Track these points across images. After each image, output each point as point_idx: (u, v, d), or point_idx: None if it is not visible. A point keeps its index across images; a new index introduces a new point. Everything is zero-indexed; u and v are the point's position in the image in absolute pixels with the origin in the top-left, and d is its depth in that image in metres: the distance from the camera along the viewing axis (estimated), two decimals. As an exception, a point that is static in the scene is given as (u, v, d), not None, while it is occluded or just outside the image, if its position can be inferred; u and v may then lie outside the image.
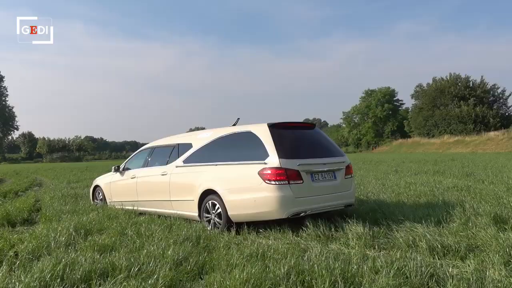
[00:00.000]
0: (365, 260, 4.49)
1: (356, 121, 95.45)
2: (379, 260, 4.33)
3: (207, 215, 7.05)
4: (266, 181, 6.20)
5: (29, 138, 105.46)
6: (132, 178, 9.12)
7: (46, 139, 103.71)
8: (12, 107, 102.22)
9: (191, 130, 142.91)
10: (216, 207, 6.84)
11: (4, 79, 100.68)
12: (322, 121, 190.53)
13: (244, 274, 3.96)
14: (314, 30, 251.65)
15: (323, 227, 6.07)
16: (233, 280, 3.89)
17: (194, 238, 5.74)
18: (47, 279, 4.01)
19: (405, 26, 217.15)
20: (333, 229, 6.14)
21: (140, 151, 9.93)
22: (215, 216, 6.87)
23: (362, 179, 14.10)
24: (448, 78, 72.91)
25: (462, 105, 66.62)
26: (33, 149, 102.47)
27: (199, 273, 4.42)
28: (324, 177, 6.72)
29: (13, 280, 4.02)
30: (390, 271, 3.95)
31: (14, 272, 4.43)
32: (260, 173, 6.28)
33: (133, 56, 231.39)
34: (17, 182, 20.13)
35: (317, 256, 4.64)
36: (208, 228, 6.80)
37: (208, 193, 7.01)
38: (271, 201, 6.17)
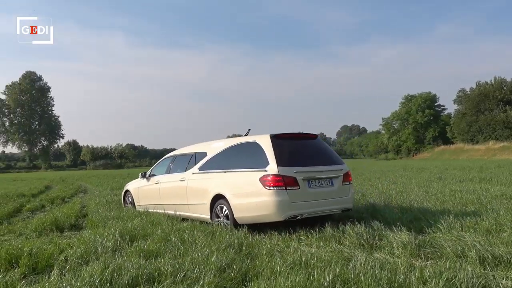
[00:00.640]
0: (412, 270, 4.37)
1: (396, 127, 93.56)
2: (427, 270, 4.21)
3: (217, 218, 7.76)
4: (266, 187, 6.85)
5: (73, 146, 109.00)
6: (156, 183, 10.01)
7: (90, 147, 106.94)
8: (58, 116, 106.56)
9: (228, 136, 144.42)
10: (224, 210, 7.58)
11: (50, 90, 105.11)
12: (360, 127, 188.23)
13: (289, 282, 3.95)
14: (350, 35, 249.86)
15: (367, 235, 5.97)
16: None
17: (237, 245, 5.76)
18: (96, 283, 4.13)
19: (445, 28, 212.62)
20: (376, 238, 6.03)
21: (164, 158, 10.75)
22: (223, 218, 7.58)
23: (404, 186, 13.79)
24: (493, 82, 70.46)
25: (508, 110, 64.15)
26: (78, 156, 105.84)
27: (242, 280, 4.43)
28: (321, 183, 7.29)
29: (64, 284, 4.16)
30: (439, 282, 3.84)
31: (65, 276, 4.58)
32: (261, 180, 6.93)
33: (171, 64, 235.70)
34: (63, 189, 20.87)
35: (362, 265, 4.55)
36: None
37: (218, 198, 7.74)
38: (269, 205, 6.79)
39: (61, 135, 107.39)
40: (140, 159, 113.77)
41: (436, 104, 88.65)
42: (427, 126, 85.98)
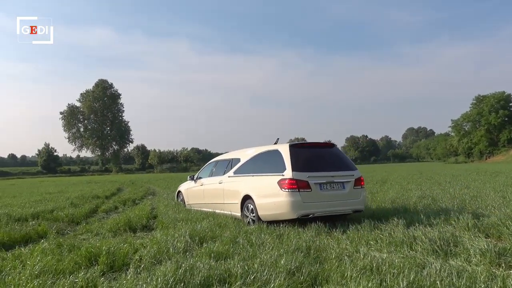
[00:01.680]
0: (493, 279, 4.13)
1: (466, 129, 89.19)
2: (510, 280, 3.96)
3: (246, 215, 8.91)
4: (282, 189, 7.91)
5: (142, 150, 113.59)
6: (201, 185, 11.44)
7: (157, 151, 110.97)
8: (128, 122, 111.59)
9: (291, 140, 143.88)
10: (251, 208, 8.72)
11: (120, 96, 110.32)
12: (428, 129, 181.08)
13: (361, 287, 3.86)
14: (415, 35, 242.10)
15: (440, 241, 5.72)
16: (349, 293, 3.81)
17: (305, 248, 5.74)
18: (170, 282, 4.26)
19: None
20: (451, 244, 5.75)
21: (209, 163, 12.19)
22: (250, 216, 8.72)
23: (478, 191, 13.08)
24: None
25: None
26: (146, 160, 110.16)
27: (312, 284, 4.39)
28: (332, 187, 8.20)
29: (140, 282, 4.33)
30: (524, 293, 3.60)
31: (140, 275, 4.77)
32: (279, 183, 8.02)
33: (234, 70, 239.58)
34: (133, 191, 21.80)
35: (438, 273, 4.36)
36: (247, 224, 8.61)
37: (247, 198, 8.91)
38: (285, 204, 7.85)
39: (131, 139, 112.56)
40: (205, 162, 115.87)
41: (510, 104, 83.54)
42: (501, 127, 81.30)
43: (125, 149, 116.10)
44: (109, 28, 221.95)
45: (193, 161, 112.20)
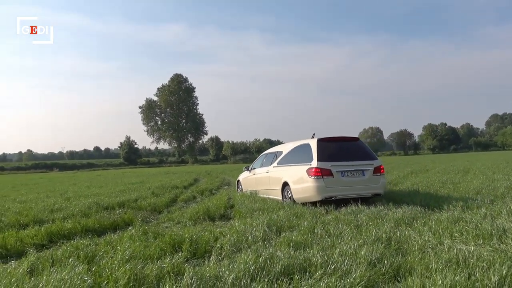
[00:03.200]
0: None
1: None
2: None
3: (284, 198, 10.64)
4: (309, 176, 9.56)
5: (216, 141, 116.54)
6: (254, 175, 13.40)
7: (230, 142, 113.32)
8: (202, 114, 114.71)
9: (364, 130, 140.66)
10: (288, 193, 10.49)
11: (195, 90, 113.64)
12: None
13: (447, 280, 3.72)
14: (500, 14, 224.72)
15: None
16: (435, 286, 3.68)
17: (385, 239, 5.61)
18: (251, 270, 4.35)
19: None
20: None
21: (260, 156, 14.06)
22: (288, 199, 10.39)
23: None
24: None
25: None
26: (219, 151, 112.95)
27: (395, 276, 4.30)
28: (353, 174, 9.69)
29: (223, 269, 4.47)
30: None
31: (222, 262, 4.93)
32: (307, 171, 9.67)
33: (305, 59, 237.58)
34: (209, 181, 22.45)
35: (534, 268, 4.08)
36: (285, 203, 10.04)
37: (285, 184, 10.67)
38: (311, 188, 9.53)
39: (205, 131, 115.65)
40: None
41: None
42: None
43: (200, 141, 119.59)
44: (183, 24, 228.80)
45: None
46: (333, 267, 4.37)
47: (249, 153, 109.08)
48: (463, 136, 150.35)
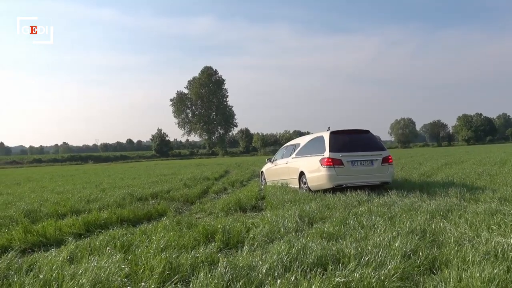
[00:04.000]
0: None
1: None
2: None
3: (302, 186, 11.48)
4: (322, 166, 10.45)
5: (246, 133, 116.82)
6: (275, 166, 14.02)
7: (260, 134, 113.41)
8: (232, 107, 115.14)
9: (396, 121, 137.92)
10: (304, 181, 11.29)
11: (224, 82, 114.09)
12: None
13: (485, 273, 3.64)
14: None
15: None
16: (472, 279, 3.61)
17: (419, 231, 5.52)
18: (284, 260, 4.37)
19: None
20: None
21: (281, 148, 14.77)
22: (304, 187, 11.22)
23: None
24: None
25: None
26: (249, 143, 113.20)
27: (430, 268, 4.24)
28: (362, 163, 10.50)
29: (256, 259, 4.51)
30: None
31: (255, 252, 4.97)
32: (320, 161, 10.55)
33: (335, 50, 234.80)
34: (240, 173, 22.58)
35: None
36: (301, 191, 11.10)
37: (302, 174, 11.52)
38: (324, 177, 10.40)
39: (235, 124, 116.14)
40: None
41: None
42: None
43: (230, 133, 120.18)
44: (212, 17, 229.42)
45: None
46: (367, 258, 4.34)
47: (279, 145, 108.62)
48: (500, 126, 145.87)
